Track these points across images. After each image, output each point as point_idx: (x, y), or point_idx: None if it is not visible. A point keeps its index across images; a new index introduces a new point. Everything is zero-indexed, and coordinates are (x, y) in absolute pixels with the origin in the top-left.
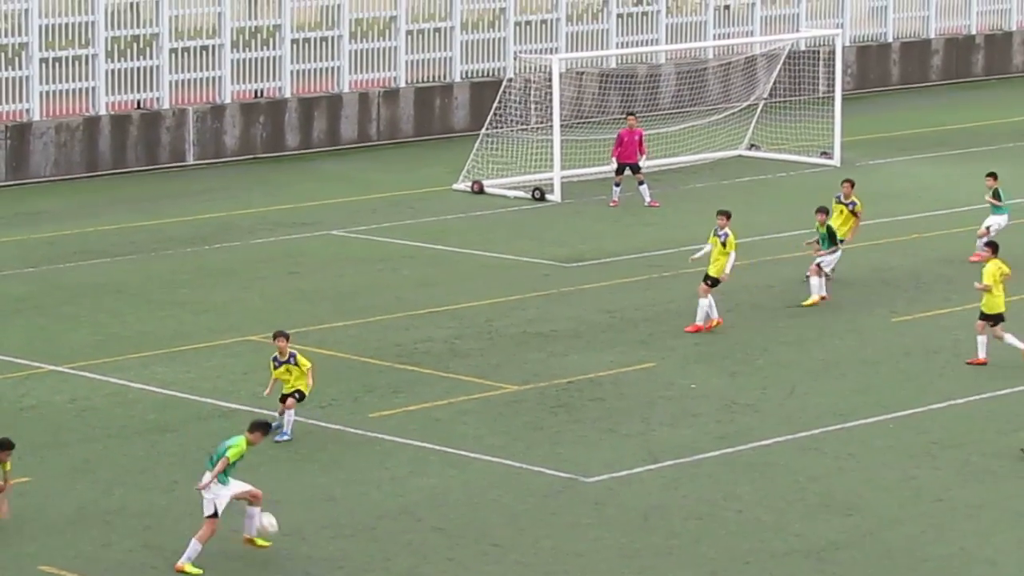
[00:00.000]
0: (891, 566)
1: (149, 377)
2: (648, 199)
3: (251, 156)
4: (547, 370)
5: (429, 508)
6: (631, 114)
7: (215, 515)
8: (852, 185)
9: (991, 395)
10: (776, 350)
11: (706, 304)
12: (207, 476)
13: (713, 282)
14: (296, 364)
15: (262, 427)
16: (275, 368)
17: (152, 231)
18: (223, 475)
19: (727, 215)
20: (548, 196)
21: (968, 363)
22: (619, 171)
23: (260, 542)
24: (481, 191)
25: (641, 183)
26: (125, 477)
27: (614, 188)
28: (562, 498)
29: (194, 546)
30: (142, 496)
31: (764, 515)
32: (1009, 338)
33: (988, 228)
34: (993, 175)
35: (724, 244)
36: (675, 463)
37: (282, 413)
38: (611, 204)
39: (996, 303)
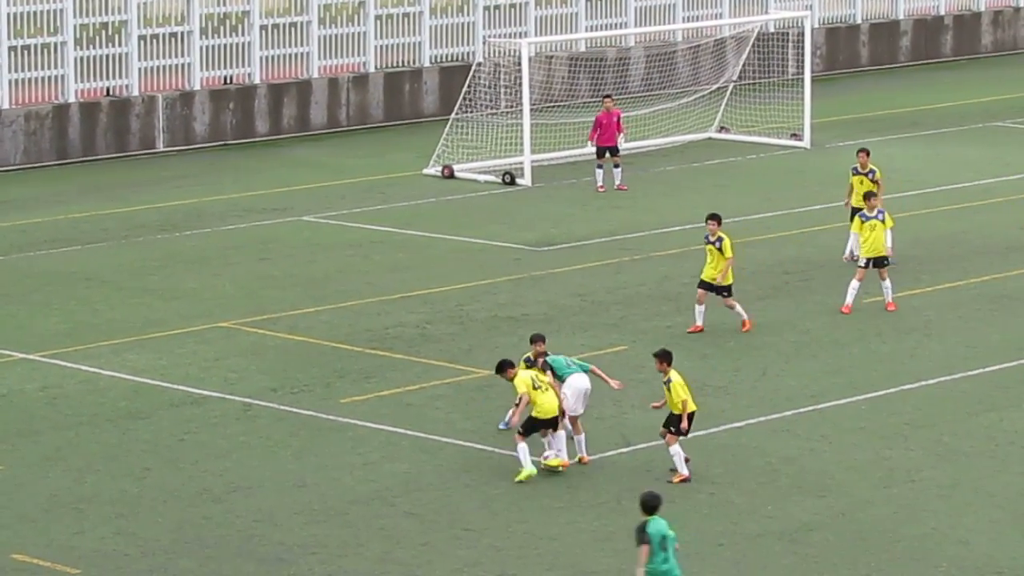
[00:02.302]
0: (864, 547)
1: (120, 364)
2: (618, 182)
3: (221, 142)
4: (519, 354)
5: (402, 493)
6: (607, 96)
7: None
8: (868, 154)
9: (963, 375)
10: (748, 332)
11: (703, 309)
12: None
13: (708, 287)
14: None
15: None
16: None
17: (122, 218)
18: None
19: (718, 220)
20: (518, 180)
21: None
22: (600, 154)
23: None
24: (451, 176)
25: (616, 166)
26: (97, 464)
27: (597, 171)
28: (534, 482)
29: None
30: (114, 483)
31: (737, 497)
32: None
33: None
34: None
35: (720, 250)
36: (648, 446)
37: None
38: (599, 188)
39: None
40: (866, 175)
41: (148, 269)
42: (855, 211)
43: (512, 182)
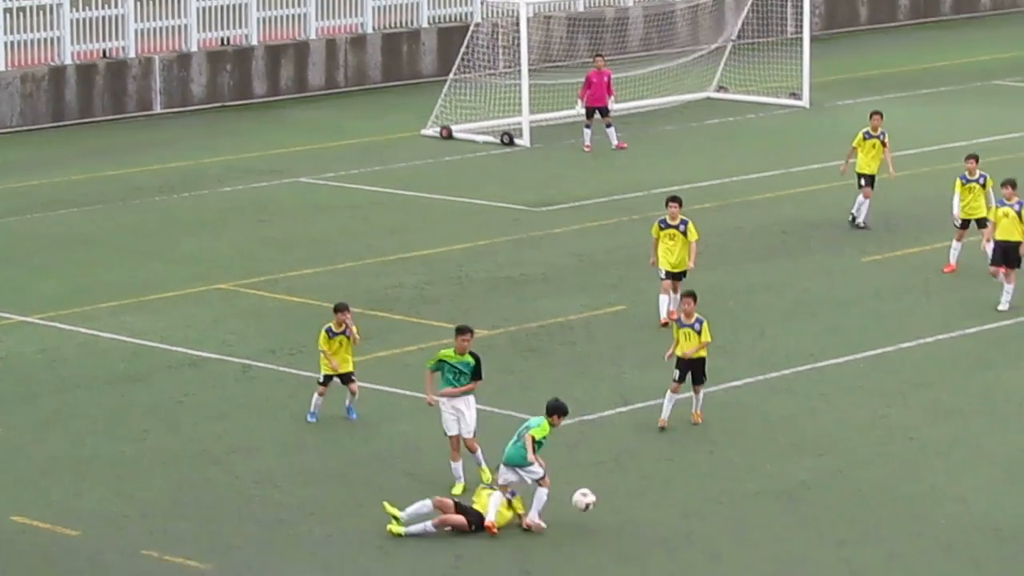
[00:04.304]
0: (862, 505)
1: (119, 327)
2: (615, 141)
3: (218, 104)
4: (517, 314)
5: (401, 454)
6: (599, 55)
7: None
8: (881, 117)
9: (960, 334)
10: (746, 292)
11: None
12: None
13: (676, 276)
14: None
15: (560, 410)
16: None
17: (120, 181)
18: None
19: (679, 202)
20: (517, 141)
21: None
22: (589, 115)
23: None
24: (450, 136)
25: (609, 126)
26: (96, 427)
27: (585, 131)
28: None
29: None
30: (113, 446)
31: (735, 456)
32: None
33: None
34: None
35: (685, 233)
36: (646, 405)
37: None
38: (585, 149)
39: None
40: (878, 138)
41: (146, 231)
42: (860, 176)
43: (510, 143)
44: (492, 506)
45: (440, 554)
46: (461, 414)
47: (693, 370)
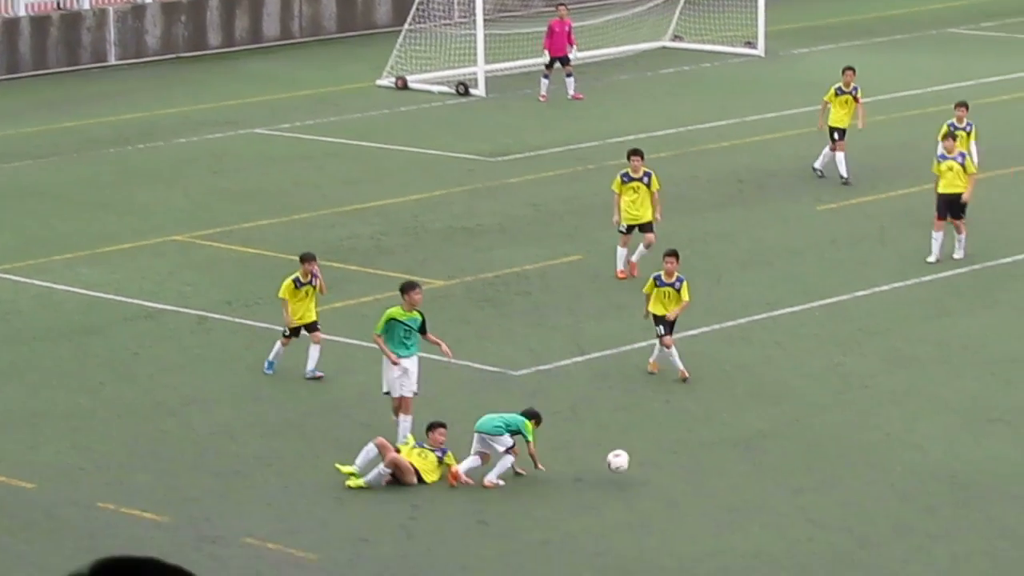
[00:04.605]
0: (818, 453)
1: (74, 279)
2: (572, 92)
3: (173, 55)
4: (473, 265)
5: (357, 405)
6: (561, 3)
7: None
8: (854, 72)
9: (916, 282)
10: (702, 240)
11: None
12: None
13: (642, 227)
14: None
15: (538, 417)
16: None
17: (74, 132)
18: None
19: (641, 155)
20: (472, 91)
21: None
22: (549, 64)
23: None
24: (405, 87)
25: (569, 75)
26: (51, 379)
27: (543, 81)
28: (490, 392)
29: None
30: (69, 398)
31: (692, 405)
32: None
33: None
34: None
35: (648, 185)
36: (602, 355)
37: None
38: (540, 98)
39: None
40: (850, 93)
41: (101, 183)
42: (832, 130)
43: (466, 93)
44: (467, 464)
45: (396, 504)
46: (406, 372)
47: (666, 324)
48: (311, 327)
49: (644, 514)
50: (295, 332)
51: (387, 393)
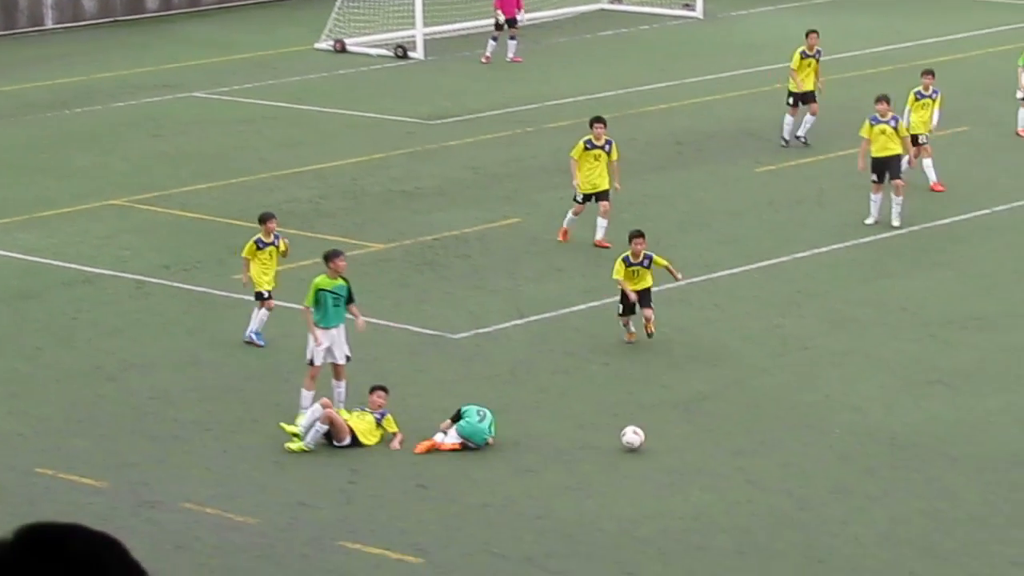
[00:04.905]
0: (758, 415)
1: (11, 244)
2: (511, 54)
3: (111, 19)
4: (412, 228)
5: (296, 369)
6: None
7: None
8: (817, 35)
9: (854, 243)
10: (641, 203)
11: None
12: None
13: (599, 196)
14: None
15: None
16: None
17: (12, 96)
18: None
19: (604, 123)
20: (411, 53)
21: None
22: (500, 26)
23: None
24: (343, 50)
25: (512, 38)
26: None
27: (490, 43)
28: (430, 355)
29: None
30: (7, 363)
31: (631, 368)
32: None
33: None
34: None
35: (609, 153)
36: (541, 317)
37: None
38: (483, 60)
39: None
40: (814, 57)
41: (38, 147)
42: (797, 97)
43: (404, 56)
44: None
45: (336, 468)
46: (334, 341)
47: (641, 297)
48: (265, 295)
49: (584, 477)
50: (266, 296)
51: (311, 363)
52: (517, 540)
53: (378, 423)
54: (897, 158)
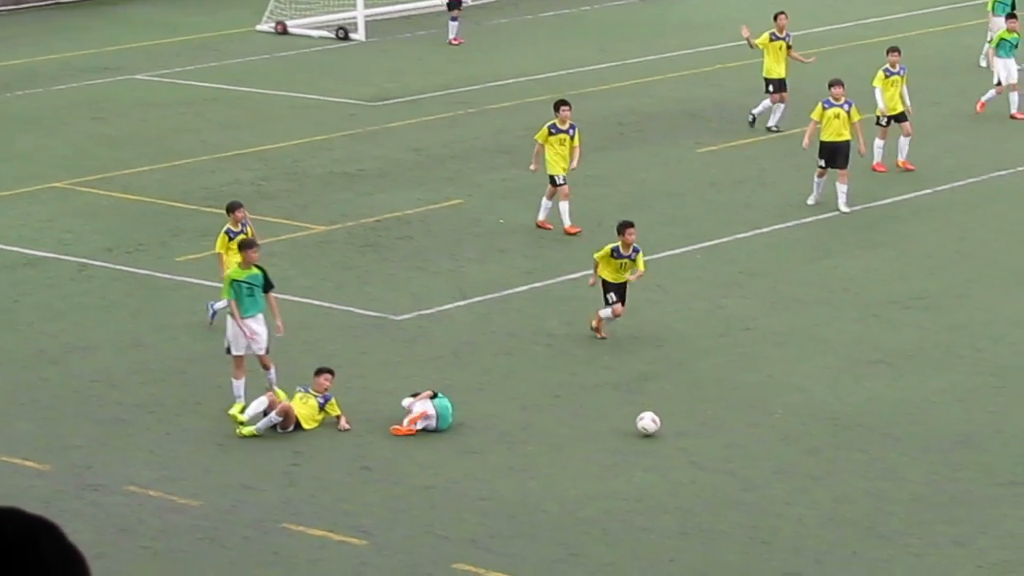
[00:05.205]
0: (701, 395)
1: None
2: (452, 35)
3: (53, 1)
4: (355, 210)
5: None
6: None
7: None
8: (786, 16)
9: (796, 223)
10: (583, 184)
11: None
12: None
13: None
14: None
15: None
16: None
17: None
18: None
19: (569, 105)
20: (352, 35)
21: None
22: (450, 6)
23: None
24: (285, 32)
25: (454, 19)
26: None
27: (451, 24)
28: (372, 337)
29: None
30: None
31: (574, 348)
32: None
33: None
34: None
35: (573, 137)
36: (484, 299)
37: None
38: (455, 42)
39: None
40: (784, 39)
41: None
42: (770, 82)
43: (346, 37)
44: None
45: (279, 451)
46: (255, 333)
47: (617, 291)
48: None
49: (527, 458)
50: None
51: (228, 351)
52: (461, 522)
53: (321, 407)
54: (847, 145)
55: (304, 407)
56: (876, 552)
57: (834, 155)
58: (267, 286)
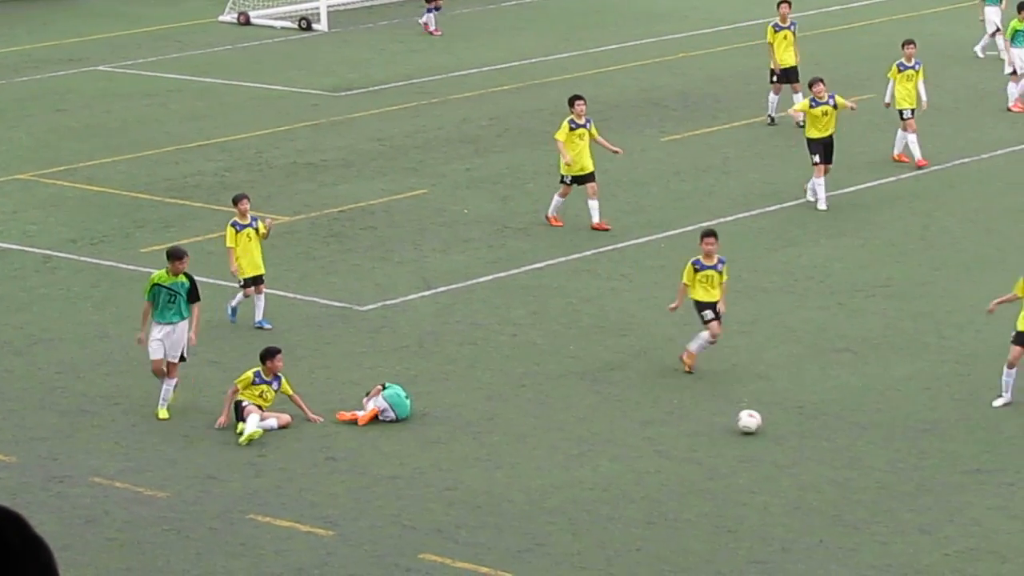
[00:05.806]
0: (665, 384)
1: None
2: (423, 20)
3: None
4: (318, 200)
5: (203, 342)
6: None
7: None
8: (790, 5)
9: (760, 211)
10: (546, 174)
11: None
12: None
13: (587, 178)
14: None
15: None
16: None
17: None
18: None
19: (584, 100)
20: (315, 25)
21: None
22: None
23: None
24: (247, 22)
25: (436, 9)
26: None
27: (429, 15)
28: (337, 327)
29: None
30: None
31: (538, 338)
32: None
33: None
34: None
35: (590, 131)
36: (448, 289)
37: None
38: (435, 33)
39: None
40: (788, 28)
41: None
42: (778, 73)
43: (308, 27)
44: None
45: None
46: (168, 337)
47: (713, 308)
48: (257, 280)
49: (493, 448)
50: (251, 282)
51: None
52: (427, 512)
53: (276, 390)
54: (832, 139)
55: (265, 403)
56: (842, 540)
57: (827, 150)
58: (193, 296)
